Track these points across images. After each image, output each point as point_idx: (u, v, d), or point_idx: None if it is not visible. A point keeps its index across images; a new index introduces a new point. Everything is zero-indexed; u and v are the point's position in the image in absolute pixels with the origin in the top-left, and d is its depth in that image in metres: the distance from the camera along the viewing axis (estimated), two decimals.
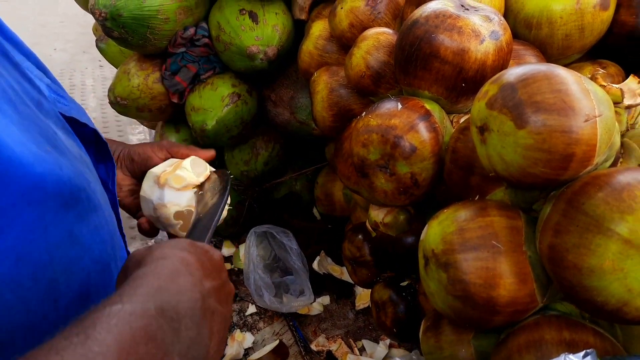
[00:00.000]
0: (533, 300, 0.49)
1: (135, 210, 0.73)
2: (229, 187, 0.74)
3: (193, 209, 0.71)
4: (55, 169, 0.33)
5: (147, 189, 0.71)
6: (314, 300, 1.11)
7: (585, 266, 0.41)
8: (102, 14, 0.92)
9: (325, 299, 1.13)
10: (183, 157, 0.73)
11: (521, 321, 0.52)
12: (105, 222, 0.41)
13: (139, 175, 0.72)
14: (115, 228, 0.46)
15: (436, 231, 0.53)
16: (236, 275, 1.21)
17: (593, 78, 0.51)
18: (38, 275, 0.33)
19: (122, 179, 0.72)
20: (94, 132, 0.51)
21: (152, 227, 0.71)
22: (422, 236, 0.57)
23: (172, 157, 0.74)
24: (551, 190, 0.50)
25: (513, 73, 0.48)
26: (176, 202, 0.69)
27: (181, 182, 0.69)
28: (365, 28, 0.79)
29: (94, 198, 0.39)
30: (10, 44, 0.46)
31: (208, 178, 0.73)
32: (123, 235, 0.54)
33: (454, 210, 0.54)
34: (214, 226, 0.65)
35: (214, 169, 0.75)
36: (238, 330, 1.05)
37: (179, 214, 0.70)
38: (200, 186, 0.72)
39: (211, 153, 0.74)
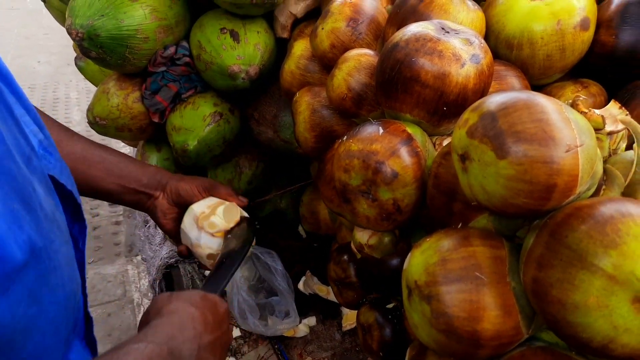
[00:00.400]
0: (518, 332, 0.48)
1: (174, 234, 0.85)
2: (252, 241, 0.86)
3: None
4: (14, 227, 0.34)
5: (188, 225, 0.83)
6: (300, 322, 1.09)
7: (570, 302, 0.40)
8: (79, 34, 0.90)
9: (312, 320, 1.11)
10: (222, 198, 0.86)
11: (506, 353, 0.50)
12: (63, 283, 0.42)
13: (182, 206, 0.84)
14: (76, 289, 0.47)
15: (419, 261, 0.52)
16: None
17: (574, 105, 0.50)
18: (0, 335, 0.34)
19: (168, 209, 0.84)
20: (71, 193, 0.54)
21: (189, 252, 0.85)
22: (405, 265, 0.55)
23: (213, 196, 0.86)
24: (534, 218, 0.50)
25: (493, 101, 0.47)
26: (209, 245, 0.82)
27: (214, 228, 0.82)
28: (346, 49, 0.78)
29: (55, 258, 0.40)
30: (14, 97, 0.49)
31: (238, 224, 0.85)
32: (85, 296, 0.55)
33: (436, 240, 0.53)
34: (230, 276, 0.78)
35: (246, 215, 0.87)
36: None
37: (210, 256, 0.83)
38: (229, 231, 0.84)
39: (245, 202, 0.88)
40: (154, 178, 0.82)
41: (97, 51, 0.93)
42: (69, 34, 0.90)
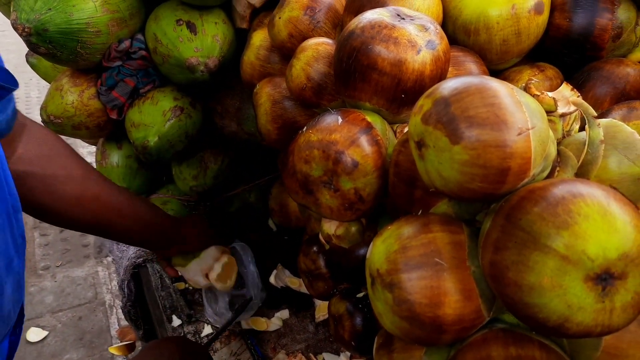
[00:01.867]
0: (479, 316, 0.49)
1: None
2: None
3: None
4: None
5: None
6: (273, 316, 1.08)
7: (525, 283, 0.41)
8: (26, 30, 0.86)
9: (284, 313, 1.11)
10: None
11: (469, 337, 0.51)
12: None
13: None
14: None
15: (380, 250, 0.52)
16: (191, 295, 1.17)
17: (526, 88, 0.50)
18: None
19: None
20: None
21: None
22: (368, 255, 0.55)
23: None
24: (492, 202, 0.50)
25: (446, 87, 0.47)
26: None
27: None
28: (305, 38, 0.77)
29: None
30: (12, 198, 0.52)
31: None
32: None
33: (397, 227, 0.52)
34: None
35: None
36: None
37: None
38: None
39: None
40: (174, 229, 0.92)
41: (46, 47, 0.89)
42: (15, 29, 0.86)
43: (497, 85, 0.46)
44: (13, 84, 0.56)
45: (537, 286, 0.40)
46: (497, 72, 0.80)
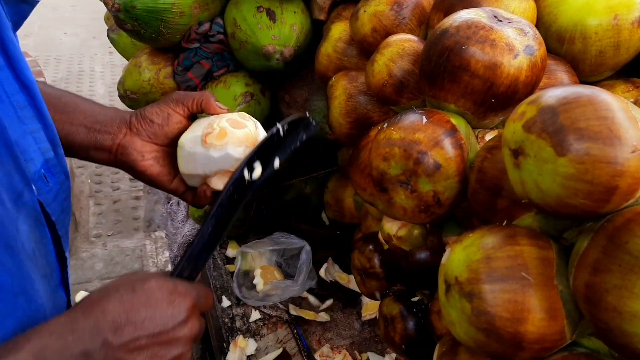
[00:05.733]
0: (562, 337, 0.46)
1: (165, 179, 0.64)
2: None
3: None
4: None
5: (200, 153, 0.60)
6: (320, 308, 1.09)
7: (627, 310, 0.38)
8: (115, 5, 0.89)
9: (331, 304, 1.11)
10: (197, 106, 0.65)
11: (547, 357, 0.49)
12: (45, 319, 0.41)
13: (161, 138, 0.63)
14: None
15: (460, 257, 0.50)
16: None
17: (638, 103, 0.47)
18: None
19: (143, 146, 0.61)
20: (54, 224, 0.51)
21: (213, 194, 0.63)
22: (444, 260, 0.54)
23: (190, 111, 0.64)
24: (587, 220, 0.47)
25: (553, 95, 0.45)
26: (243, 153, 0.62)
27: (236, 140, 0.62)
28: (388, 34, 0.76)
29: (34, 300, 0.41)
30: (33, 111, 0.46)
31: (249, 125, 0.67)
32: None
33: (479, 236, 0.51)
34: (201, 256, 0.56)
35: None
36: (241, 336, 1.03)
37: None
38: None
39: (225, 109, 0.68)
40: (116, 115, 0.62)
41: (132, 23, 0.92)
42: (105, 4, 0.89)
43: (609, 98, 0.43)
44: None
45: None
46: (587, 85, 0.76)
